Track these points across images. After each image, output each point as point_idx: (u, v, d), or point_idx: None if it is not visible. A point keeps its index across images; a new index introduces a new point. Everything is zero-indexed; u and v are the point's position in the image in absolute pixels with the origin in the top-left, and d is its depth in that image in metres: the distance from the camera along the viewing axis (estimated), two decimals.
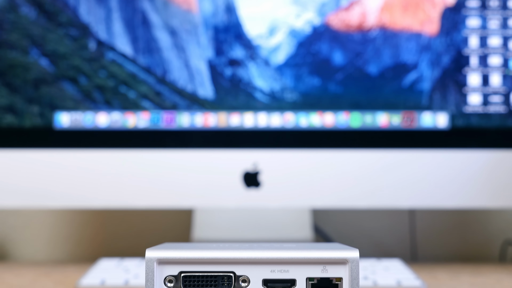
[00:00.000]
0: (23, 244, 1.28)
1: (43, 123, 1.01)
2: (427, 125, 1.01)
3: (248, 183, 1.01)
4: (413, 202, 1.02)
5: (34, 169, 1.01)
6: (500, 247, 1.24)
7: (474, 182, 1.00)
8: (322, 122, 1.01)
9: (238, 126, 1.02)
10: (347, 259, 0.47)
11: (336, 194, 1.01)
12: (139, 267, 0.89)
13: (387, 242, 1.26)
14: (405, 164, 1.00)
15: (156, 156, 1.01)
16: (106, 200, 1.01)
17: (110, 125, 1.02)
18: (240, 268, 0.48)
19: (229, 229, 1.05)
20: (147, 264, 0.47)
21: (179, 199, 1.01)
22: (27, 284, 0.86)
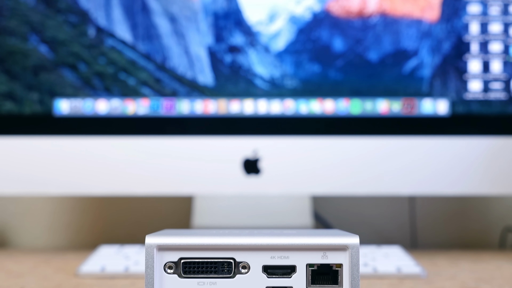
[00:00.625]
0: (23, 231, 1.28)
1: (43, 110, 1.01)
2: (428, 112, 1.01)
3: (248, 170, 1.01)
4: (413, 189, 1.02)
5: (34, 156, 1.01)
6: (500, 234, 1.25)
7: (474, 169, 1.00)
8: (322, 109, 1.01)
9: (238, 113, 1.01)
10: (347, 245, 0.47)
11: (336, 181, 1.01)
12: (139, 254, 0.89)
13: (387, 229, 1.26)
14: (405, 151, 1.00)
15: (156, 143, 1.01)
16: (106, 187, 1.01)
17: (109, 112, 1.02)
18: (240, 255, 0.48)
19: (229, 216, 1.05)
20: (147, 251, 0.47)
21: (179, 186, 1.01)
22: (27, 271, 0.87)
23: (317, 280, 0.48)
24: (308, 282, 0.48)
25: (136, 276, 0.81)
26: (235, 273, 0.48)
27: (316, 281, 0.48)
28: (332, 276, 0.48)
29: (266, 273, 0.48)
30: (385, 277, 0.80)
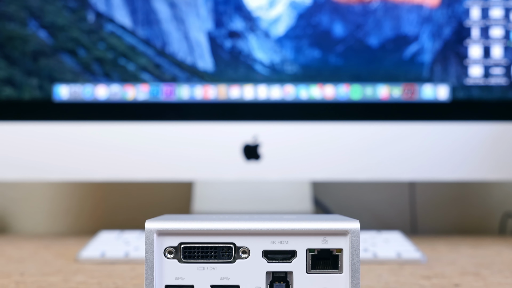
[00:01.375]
0: (23, 217, 1.28)
1: (42, 96, 1.01)
2: (428, 97, 1.01)
3: (248, 155, 1.01)
4: (413, 175, 1.02)
5: (34, 141, 1.00)
6: (500, 220, 1.25)
7: (474, 155, 1.00)
8: (322, 95, 1.01)
9: (238, 99, 1.01)
10: (348, 230, 0.47)
11: (336, 166, 1.01)
12: (139, 240, 0.89)
13: (387, 214, 1.26)
14: (405, 137, 1.00)
15: (156, 128, 1.01)
16: (106, 173, 1.01)
17: (109, 97, 1.01)
18: (240, 239, 0.48)
19: (229, 202, 1.05)
20: (147, 236, 0.47)
21: (179, 171, 1.01)
22: (27, 256, 0.87)
23: (317, 265, 0.48)
24: (308, 267, 0.48)
25: (136, 261, 0.81)
26: (235, 258, 0.48)
27: (316, 266, 0.48)
28: (333, 261, 0.48)
29: (266, 258, 0.48)
30: (385, 262, 0.80)
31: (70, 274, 0.71)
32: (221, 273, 0.48)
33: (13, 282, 0.66)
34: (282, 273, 0.48)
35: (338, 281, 0.48)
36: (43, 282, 0.66)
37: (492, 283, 0.66)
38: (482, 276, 0.70)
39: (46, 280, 0.67)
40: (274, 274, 0.48)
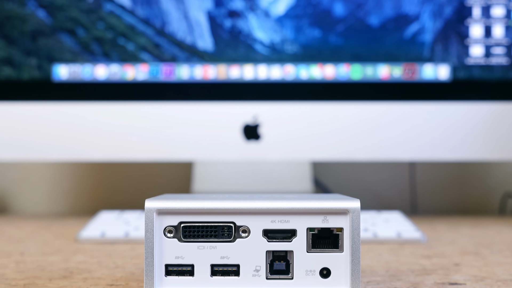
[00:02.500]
0: (23, 198, 1.28)
1: (41, 76, 1.00)
2: (429, 77, 1.00)
3: (248, 135, 1.01)
4: (414, 155, 1.01)
5: (33, 122, 1.00)
6: (500, 200, 1.25)
7: (475, 135, 1.00)
8: (322, 74, 1.00)
9: (238, 79, 1.01)
10: (348, 209, 0.47)
11: (337, 146, 1.01)
12: (139, 220, 0.89)
13: (387, 195, 1.26)
14: (405, 117, 1.00)
15: (156, 108, 1.01)
16: (105, 153, 1.01)
17: (109, 77, 1.01)
18: (240, 219, 0.47)
19: (229, 182, 1.05)
20: (147, 215, 0.47)
21: (179, 151, 1.01)
22: (28, 236, 0.87)
23: (318, 244, 0.48)
24: (308, 246, 0.48)
25: (136, 241, 0.81)
26: (235, 237, 0.48)
27: (316, 245, 0.48)
28: (333, 240, 0.48)
29: (267, 237, 0.48)
30: (385, 242, 0.80)
31: (70, 254, 0.71)
32: (221, 252, 0.48)
33: (13, 261, 0.66)
34: (282, 252, 0.48)
35: (338, 260, 0.48)
36: (43, 262, 0.66)
37: (492, 263, 0.66)
38: (482, 255, 0.70)
39: (46, 260, 0.67)
40: (274, 253, 0.48)
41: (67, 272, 0.60)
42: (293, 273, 0.48)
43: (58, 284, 0.54)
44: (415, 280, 0.56)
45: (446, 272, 0.60)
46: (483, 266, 0.64)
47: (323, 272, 0.48)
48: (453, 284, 0.54)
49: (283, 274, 0.48)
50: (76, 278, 0.57)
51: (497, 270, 0.61)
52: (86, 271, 0.61)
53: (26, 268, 0.63)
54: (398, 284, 0.55)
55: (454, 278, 0.58)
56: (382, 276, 0.58)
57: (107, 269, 0.62)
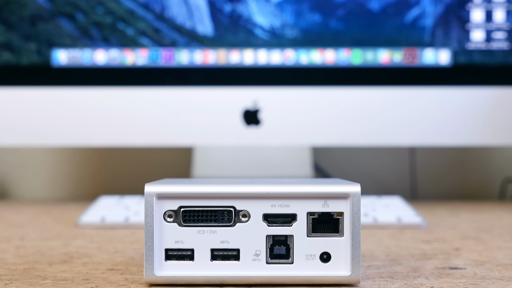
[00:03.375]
0: (23, 183, 1.28)
1: (41, 61, 1.00)
2: (429, 62, 1.00)
3: (248, 121, 1.00)
4: (414, 140, 1.01)
5: (33, 107, 1.00)
6: (500, 185, 1.24)
7: (475, 120, 1.00)
8: (323, 59, 1.00)
9: (238, 64, 1.01)
10: (349, 193, 0.47)
11: (337, 131, 1.00)
12: (139, 205, 0.89)
13: (387, 180, 1.26)
14: (406, 102, 1.00)
15: (155, 93, 1.00)
16: (105, 138, 1.01)
17: (108, 62, 1.01)
18: (240, 203, 0.47)
19: (229, 167, 1.05)
20: (147, 199, 0.47)
21: (179, 137, 1.01)
22: (28, 221, 0.87)
23: (318, 228, 0.48)
24: (308, 231, 0.48)
25: (136, 226, 0.81)
26: (235, 222, 0.48)
27: (316, 230, 0.48)
28: (333, 225, 0.48)
29: (267, 221, 0.48)
30: (386, 227, 0.80)
31: (70, 239, 0.71)
32: (221, 237, 0.48)
33: (13, 246, 0.66)
34: (283, 237, 0.48)
35: (338, 244, 0.48)
36: (43, 247, 0.66)
37: (492, 247, 0.66)
38: (483, 240, 0.70)
39: (46, 245, 0.67)
40: (274, 237, 0.48)
41: (67, 257, 0.60)
42: (293, 257, 0.48)
43: (58, 269, 0.54)
44: (415, 265, 0.56)
45: (446, 256, 0.60)
46: (483, 250, 0.64)
47: (323, 257, 0.48)
48: (453, 269, 0.54)
49: (283, 259, 0.48)
50: (76, 263, 0.57)
51: (497, 255, 0.61)
52: (86, 256, 0.61)
53: (26, 252, 0.63)
54: (398, 268, 0.55)
55: (455, 262, 0.58)
56: (382, 261, 0.58)
57: (107, 253, 0.62)
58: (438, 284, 0.48)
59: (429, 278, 0.51)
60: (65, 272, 0.53)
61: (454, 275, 0.52)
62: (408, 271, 0.54)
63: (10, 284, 0.48)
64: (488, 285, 0.48)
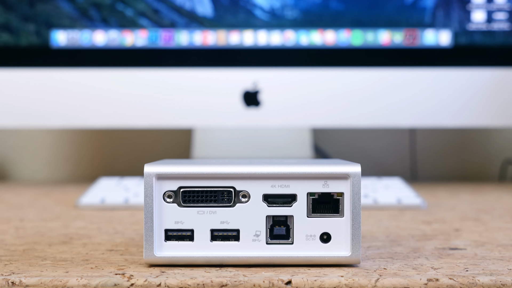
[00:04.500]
0: (23, 165, 1.27)
1: (40, 42, 1.00)
2: (430, 43, 1.00)
3: (248, 102, 1.00)
4: (414, 121, 1.01)
5: (32, 88, 1.00)
6: (500, 166, 1.24)
7: (475, 101, 0.99)
8: (323, 40, 1.00)
9: (238, 45, 1.00)
10: (349, 173, 0.47)
11: (337, 113, 1.00)
12: (138, 186, 0.89)
13: (387, 161, 1.26)
14: (406, 83, 0.99)
15: (155, 75, 1.00)
16: (105, 119, 1.00)
17: (107, 43, 1.00)
18: (240, 183, 0.47)
19: (229, 148, 1.04)
20: (146, 180, 0.47)
21: (179, 118, 1.01)
22: (27, 203, 0.87)
23: (318, 209, 0.48)
24: (308, 211, 0.47)
25: (135, 207, 0.81)
26: (235, 202, 0.47)
27: (317, 210, 0.48)
28: (333, 205, 0.48)
29: (267, 202, 0.47)
30: (386, 208, 0.80)
31: (69, 220, 0.71)
32: (221, 217, 0.47)
33: (12, 227, 0.66)
34: (283, 217, 0.48)
35: (339, 225, 0.48)
36: (42, 228, 0.66)
37: (492, 228, 0.66)
38: (483, 221, 0.70)
39: (45, 226, 0.67)
40: (274, 218, 0.48)
41: (66, 238, 0.60)
42: (293, 238, 0.48)
43: (57, 250, 0.54)
44: (415, 245, 0.56)
45: (447, 237, 0.60)
46: (483, 231, 0.64)
47: (323, 237, 0.48)
48: (453, 249, 0.54)
49: (283, 239, 0.48)
50: (76, 244, 0.57)
51: (497, 235, 0.61)
52: (85, 237, 0.61)
53: (25, 234, 0.63)
54: (398, 249, 0.55)
55: (455, 243, 0.57)
56: (383, 242, 0.58)
57: (106, 234, 0.62)
58: (438, 264, 0.48)
59: (429, 258, 0.51)
60: (64, 253, 0.53)
61: (454, 256, 0.52)
62: (408, 251, 0.53)
63: (10, 264, 0.48)
64: (489, 265, 0.48)
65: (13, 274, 0.45)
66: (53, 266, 0.48)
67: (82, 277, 0.44)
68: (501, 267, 0.47)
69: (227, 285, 0.44)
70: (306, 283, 0.44)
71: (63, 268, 0.47)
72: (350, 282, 0.44)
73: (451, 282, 0.44)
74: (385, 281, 0.44)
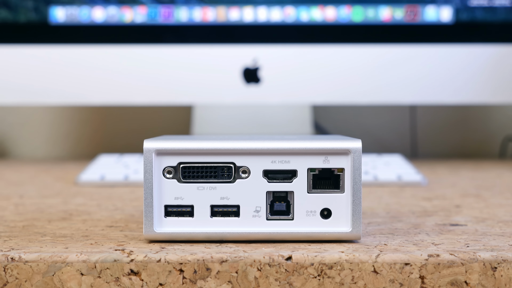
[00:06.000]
0: (22, 142, 1.27)
1: (38, 18, 0.99)
2: (431, 19, 0.99)
3: (248, 79, 1.00)
4: (415, 98, 1.01)
5: (31, 65, 0.99)
6: (501, 143, 1.24)
7: (476, 78, 0.99)
8: (323, 16, 0.99)
9: (238, 21, 0.99)
10: (349, 149, 0.47)
11: (337, 90, 1.00)
12: (138, 163, 0.89)
13: (388, 138, 1.25)
14: (407, 60, 0.99)
15: (154, 51, 0.99)
16: (104, 96, 1.00)
17: (106, 20, 1.00)
18: (240, 159, 0.47)
19: (229, 126, 1.04)
20: (145, 155, 0.46)
21: (178, 95, 1.00)
22: (27, 179, 0.86)
23: (319, 184, 0.47)
24: (309, 187, 0.47)
25: (135, 184, 0.81)
26: (235, 178, 0.47)
27: (317, 186, 0.47)
28: (334, 181, 0.47)
29: (267, 177, 0.47)
30: (386, 184, 0.80)
31: (69, 197, 0.71)
32: (221, 193, 0.47)
33: (12, 204, 0.66)
34: (283, 193, 0.47)
35: (339, 200, 0.47)
36: (42, 204, 0.66)
37: (493, 204, 0.65)
38: (483, 197, 0.70)
39: (45, 202, 0.67)
40: (274, 194, 0.47)
41: (66, 214, 0.60)
42: (293, 213, 0.47)
43: (57, 226, 0.54)
44: (416, 222, 0.56)
45: (447, 213, 0.60)
46: (484, 207, 0.64)
47: (323, 213, 0.47)
48: (454, 225, 0.54)
49: (284, 215, 0.48)
50: (75, 220, 0.57)
51: (498, 212, 0.61)
52: (85, 213, 0.61)
53: (25, 210, 0.62)
54: (399, 225, 0.54)
55: (455, 219, 0.57)
56: (383, 218, 0.58)
57: (106, 211, 0.62)
58: (439, 240, 0.48)
59: (430, 234, 0.50)
60: (64, 229, 0.53)
61: (455, 232, 0.52)
62: (409, 227, 0.53)
63: (9, 240, 0.48)
64: (489, 241, 0.48)
65: (12, 250, 0.45)
66: (52, 242, 0.47)
67: (81, 253, 0.44)
68: (502, 242, 0.47)
69: (227, 260, 0.44)
70: (306, 259, 0.44)
71: (63, 244, 0.47)
72: (350, 258, 0.44)
73: (452, 257, 0.44)
74: (385, 257, 0.44)
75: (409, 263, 0.43)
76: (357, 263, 0.44)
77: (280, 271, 0.44)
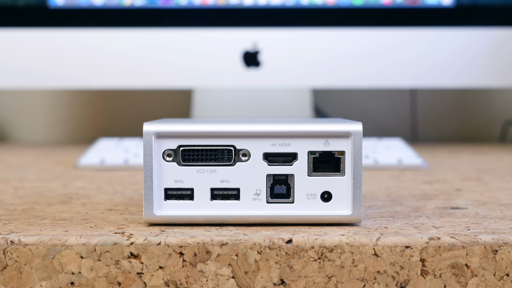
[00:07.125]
0: (22, 126, 1.27)
1: (37, 2, 0.99)
2: (432, 2, 0.98)
3: (247, 62, 0.99)
4: (415, 82, 1.00)
5: (30, 49, 0.99)
6: (501, 127, 1.24)
7: (477, 61, 0.99)
8: (323, 0, 0.99)
9: (238, 4, 0.99)
10: (350, 132, 0.46)
11: (337, 73, 0.99)
12: (138, 147, 0.89)
13: (388, 122, 1.25)
14: (407, 43, 0.99)
15: (154, 35, 0.99)
16: (104, 80, 1.00)
17: (105, 3, 0.99)
18: (240, 142, 0.47)
19: (228, 109, 1.04)
20: (145, 138, 0.46)
21: (178, 79, 1.00)
22: (27, 163, 0.86)
23: (319, 167, 0.47)
24: (309, 170, 0.47)
25: (135, 168, 0.80)
26: (235, 161, 0.47)
27: (317, 169, 0.47)
28: (334, 164, 0.47)
29: (267, 160, 0.47)
30: (386, 168, 0.80)
31: (69, 180, 0.71)
32: (221, 176, 0.47)
33: (11, 187, 0.66)
34: (283, 176, 0.47)
35: (340, 183, 0.47)
36: (42, 188, 0.66)
37: (493, 188, 0.65)
38: (484, 181, 0.70)
39: (44, 186, 0.67)
40: (274, 176, 0.47)
41: (66, 198, 0.60)
42: (294, 197, 0.47)
43: (56, 209, 0.54)
44: (416, 205, 0.56)
45: (448, 197, 0.60)
46: (484, 191, 0.63)
47: (324, 196, 0.47)
48: (454, 209, 0.54)
49: (284, 198, 0.47)
50: (75, 203, 0.57)
51: (499, 195, 0.61)
52: (85, 197, 0.60)
53: (25, 193, 0.62)
54: (399, 208, 0.54)
55: (456, 202, 0.57)
56: (383, 201, 0.58)
57: (106, 194, 0.62)
58: (440, 223, 0.48)
59: (430, 217, 0.50)
60: (64, 212, 0.53)
61: (456, 215, 0.51)
62: (409, 211, 0.53)
63: (9, 224, 0.48)
64: (490, 224, 0.48)
65: (12, 233, 0.45)
66: (52, 225, 0.47)
67: (81, 236, 0.44)
68: (502, 225, 0.47)
69: (227, 243, 0.43)
70: (307, 242, 0.43)
71: (62, 227, 0.47)
72: (351, 241, 0.44)
73: (453, 240, 0.44)
74: (386, 240, 0.44)
75: (410, 246, 0.43)
76: (358, 246, 0.43)
77: (281, 254, 0.43)
